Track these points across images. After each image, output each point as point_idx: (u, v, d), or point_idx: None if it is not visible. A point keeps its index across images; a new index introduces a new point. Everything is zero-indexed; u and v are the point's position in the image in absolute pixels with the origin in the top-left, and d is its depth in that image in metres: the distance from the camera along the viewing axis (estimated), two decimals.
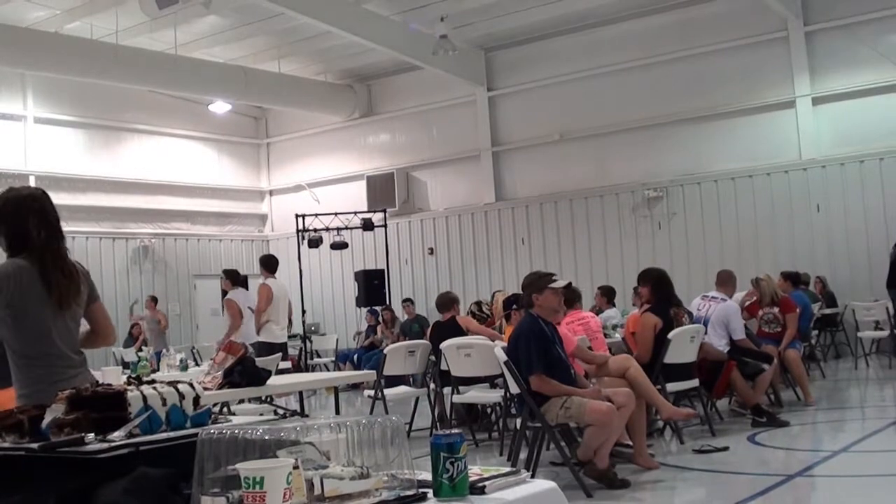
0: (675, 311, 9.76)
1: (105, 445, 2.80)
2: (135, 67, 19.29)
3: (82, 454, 2.78)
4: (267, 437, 2.51)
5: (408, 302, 20.46)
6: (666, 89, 20.02)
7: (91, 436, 2.87)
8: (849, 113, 18.40)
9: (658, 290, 9.84)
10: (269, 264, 14.55)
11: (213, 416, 3.35)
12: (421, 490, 2.61)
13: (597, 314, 12.28)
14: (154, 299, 20.64)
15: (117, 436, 2.87)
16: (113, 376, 6.09)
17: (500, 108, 22.39)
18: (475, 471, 2.75)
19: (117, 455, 2.78)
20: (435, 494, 2.60)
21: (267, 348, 12.94)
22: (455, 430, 2.64)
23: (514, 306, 10.17)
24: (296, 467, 2.41)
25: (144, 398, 3.02)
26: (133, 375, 4.06)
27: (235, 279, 14.50)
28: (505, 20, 20.39)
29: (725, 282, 11.63)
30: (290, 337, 21.40)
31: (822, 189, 18.46)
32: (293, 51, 21.82)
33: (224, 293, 15.08)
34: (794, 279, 13.47)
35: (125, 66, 19.06)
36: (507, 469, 2.89)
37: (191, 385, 3.23)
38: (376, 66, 23.13)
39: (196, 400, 3.19)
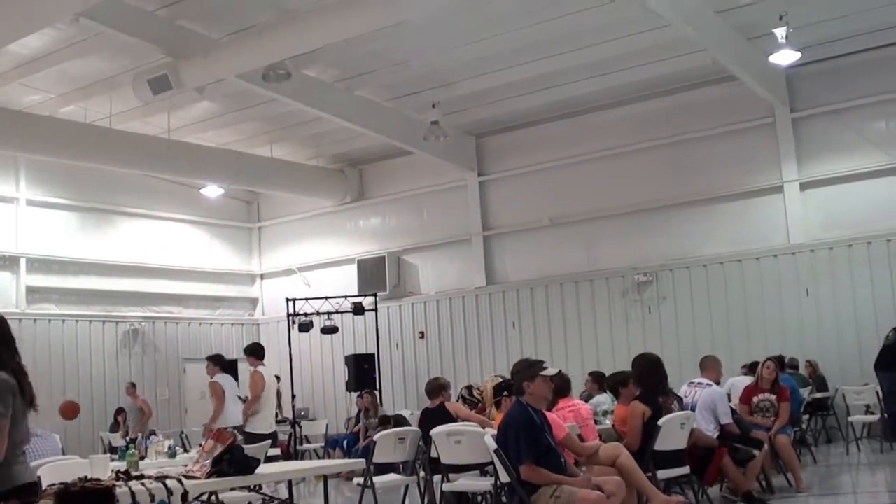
0: (664, 398, 9.74)
1: None
2: (128, 151, 19.39)
3: None
4: None
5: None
6: (655, 174, 20.18)
7: None
8: (836, 198, 18.54)
9: (645, 378, 9.85)
10: (258, 352, 14.46)
11: None
12: None
13: (587, 400, 12.27)
14: (133, 385, 20.47)
15: None
16: (101, 467, 6.05)
17: (491, 192, 22.52)
18: None
19: None
20: None
21: (255, 439, 12.76)
22: None
23: (505, 393, 10.15)
24: None
25: (133, 494, 3.03)
26: (121, 471, 4.05)
27: (220, 364, 14.43)
28: (495, 107, 20.57)
29: (710, 367, 11.68)
30: (278, 422, 21.35)
31: (811, 273, 18.54)
32: (285, 135, 21.97)
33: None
34: (780, 362, 13.49)
35: (118, 150, 19.18)
36: None
37: (179, 480, 3.24)
38: (368, 150, 23.28)
39: (184, 496, 3.20)
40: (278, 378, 17.58)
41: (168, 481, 3.16)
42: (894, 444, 15.72)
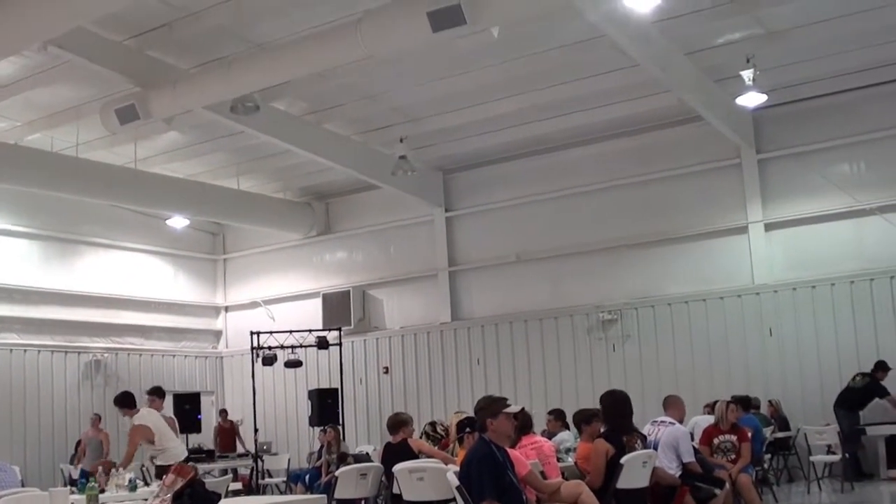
0: (628, 438, 9.74)
1: None
2: (93, 181, 19.27)
3: None
4: None
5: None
6: (621, 213, 20.30)
7: None
8: (800, 239, 18.70)
9: (611, 416, 9.87)
10: (126, 401, 13.92)
11: None
12: None
13: (549, 438, 12.26)
14: (98, 417, 20.27)
15: None
16: (61, 500, 5.99)
17: (458, 228, 22.56)
18: None
19: None
20: None
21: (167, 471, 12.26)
22: None
23: (468, 430, 10.14)
24: None
25: None
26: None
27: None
28: (463, 143, 20.66)
29: (673, 405, 11.71)
30: (239, 456, 21.23)
31: (775, 313, 18.65)
32: (252, 168, 21.95)
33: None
34: (745, 403, 13.55)
35: (84, 180, 19.06)
36: None
37: None
38: (335, 184, 23.30)
39: None
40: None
41: None
42: (855, 484, 15.82)
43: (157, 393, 14.56)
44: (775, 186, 18.94)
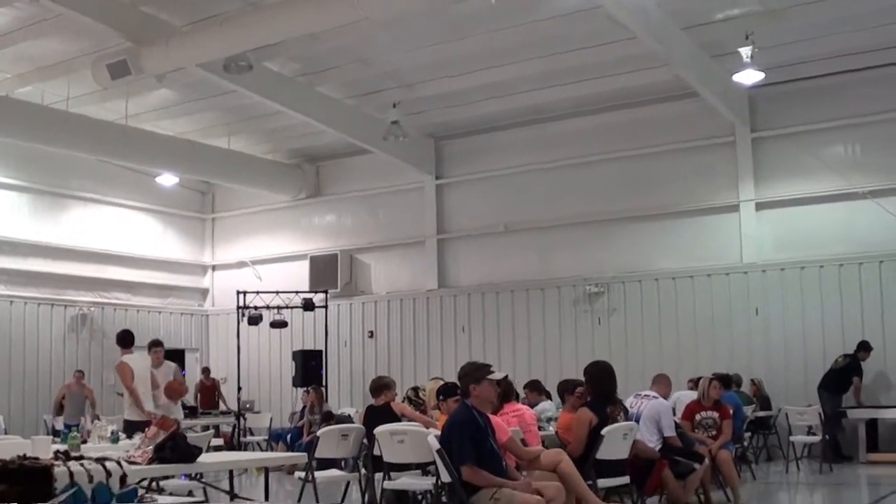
0: (612, 408, 9.75)
1: None
2: (84, 135, 19.20)
3: None
4: None
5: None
6: (612, 186, 20.29)
7: None
8: (791, 220, 18.71)
9: (595, 386, 9.87)
10: (124, 340, 14.12)
11: (140, 495, 3.32)
12: None
13: (531, 407, 12.28)
14: (81, 373, 20.22)
15: None
16: (42, 447, 5.99)
17: (448, 196, 22.54)
18: None
19: None
20: None
21: (132, 426, 12.14)
22: None
23: (441, 397, 10.16)
24: None
25: (71, 474, 3.00)
26: (61, 451, 3.99)
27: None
28: (456, 110, 20.60)
29: (660, 383, 11.74)
30: (222, 413, 21.29)
31: (762, 293, 18.70)
32: (243, 128, 21.87)
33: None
34: (725, 381, 13.58)
35: (74, 134, 18.99)
36: None
37: (118, 463, 3.22)
38: (326, 147, 23.23)
39: (123, 478, 3.18)
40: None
41: (107, 463, 3.13)
42: (834, 466, 15.89)
43: (156, 344, 14.59)
44: (768, 166, 18.94)
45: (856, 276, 17.95)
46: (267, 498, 9.07)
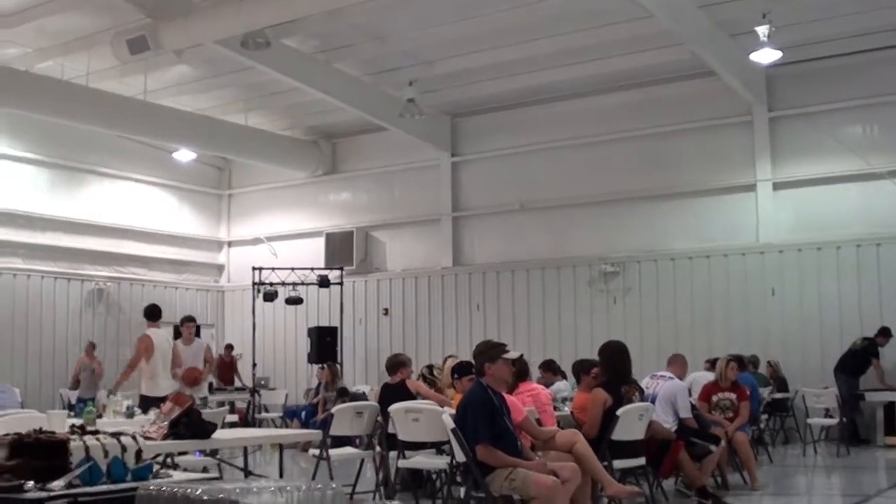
0: (627, 388, 9.73)
1: (44, 494, 2.78)
2: (103, 110, 19.23)
3: (20, 502, 2.75)
4: (206, 498, 2.49)
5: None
6: (628, 165, 20.22)
7: (31, 483, 2.84)
8: (808, 200, 18.63)
9: (611, 366, 9.84)
10: (151, 314, 14.22)
11: (154, 470, 3.32)
12: None
13: (546, 387, 12.26)
14: (93, 346, 20.32)
15: (57, 485, 2.85)
16: (58, 421, 6.01)
17: (463, 174, 22.50)
18: None
19: None
20: None
21: (149, 402, 12.19)
22: (393, 501, 2.64)
23: (456, 375, 10.15)
24: None
25: (87, 448, 3.00)
26: (77, 425, 4.00)
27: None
28: (473, 88, 20.54)
29: (676, 363, 11.71)
30: (237, 390, 21.33)
31: (778, 274, 18.63)
32: (261, 104, 21.87)
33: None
34: (739, 362, 13.51)
35: (93, 109, 19.02)
36: None
37: (134, 438, 3.22)
38: (343, 124, 23.20)
39: (138, 454, 3.18)
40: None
41: (123, 438, 3.13)
42: (851, 449, 15.84)
43: (189, 320, 14.67)
44: (786, 146, 18.85)
45: (874, 257, 17.86)
46: (281, 475, 9.11)
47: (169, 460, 8.66)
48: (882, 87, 17.88)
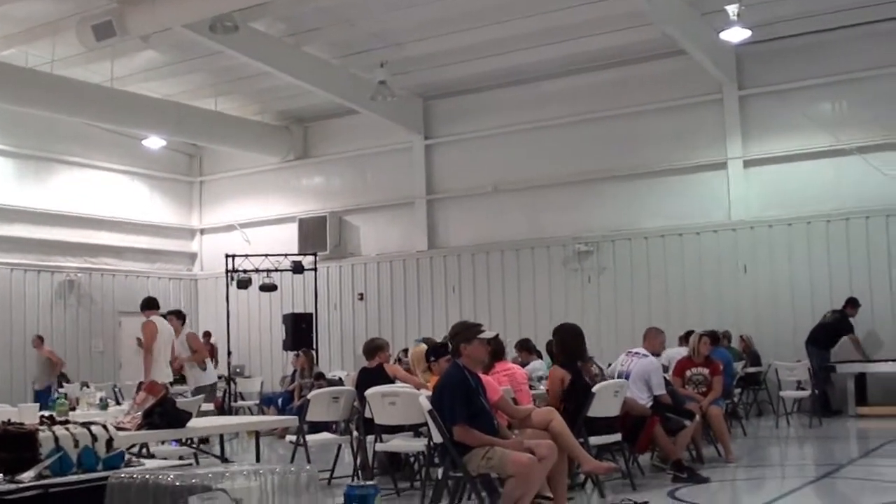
0: (582, 364, 9.82)
1: (13, 486, 2.73)
2: (69, 98, 19.10)
3: None
4: (178, 483, 2.45)
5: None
6: (601, 145, 20.23)
7: (0, 476, 2.80)
8: (779, 177, 18.71)
9: (563, 346, 9.95)
10: (151, 304, 14.20)
11: (127, 458, 3.28)
12: None
13: (522, 367, 12.28)
14: (40, 338, 20.24)
15: (27, 476, 2.81)
16: (29, 415, 5.96)
17: (436, 156, 22.46)
18: None
19: (26, 497, 2.71)
20: None
21: None
22: (370, 483, 2.61)
23: (432, 358, 10.16)
24: None
25: (56, 439, 2.96)
26: (47, 416, 3.98)
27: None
28: (444, 70, 20.49)
29: (649, 338, 11.71)
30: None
31: (750, 250, 18.73)
32: (231, 89, 21.74)
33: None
34: (713, 338, 13.55)
35: (59, 97, 18.89)
36: None
37: (104, 427, 3.17)
38: (314, 108, 23.09)
39: (109, 442, 3.14)
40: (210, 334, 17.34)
41: (93, 427, 3.09)
42: (823, 420, 15.97)
43: (175, 314, 14.61)
44: (756, 123, 18.92)
45: (843, 232, 18.00)
46: (258, 461, 9.05)
47: (145, 451, 8.62)
48: (851, 64, 17.97)
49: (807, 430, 15.59)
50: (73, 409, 9.48)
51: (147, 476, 2.46)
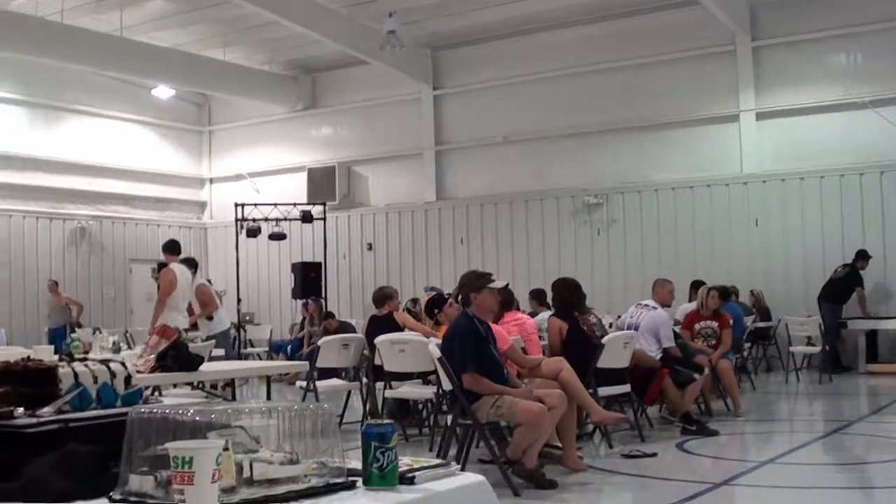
0: (579, 314, 9.85)
1: (34, 420, 2.76)
2: (79, 47, 19.08)
3: (10, 428, 2.73)
4: (198, 419, 2.47)
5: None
6: (611, 97, 20.14)
7: (20, 410, 2.82)
8: (792, 130, 18.61)
9: (558, 299, 10.10)
10: (173, 248, 14.14)
11: (145, 395, 3.31)
12: (350, 478, 2.60)
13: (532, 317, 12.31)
14: (56, 283, 20.36)
15: (47, 411, 2.83)
16: (45, 355, 6.00)
17: (445, 107, 22.39)
18: (405, 462, 2.75)
19: (46, 430, 2.74)
20: (364, 483, 2.59)
21: None
22: (387, 421, 2.64)
23: (436, 310, 10.21)
24: (226, 449, 2.37)
25: (76, 375, 2.98)
26: (65, 353, 3.99)
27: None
28: (454, 19, 20.40)
29: (657, 289, 11.71)
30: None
31: (762, 204, 18.67)
32: (239, 39, 21.66)
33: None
34: (723, 293, 13.53)
35: (69, 46, 18.87)
36: (437, 461, 2.89)
37: (123, 364, 3.20)
38: (322, 58, 23.00)
39: (128, 379, 3.16)
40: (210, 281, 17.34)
41: (112, 364, 3.11)
42: (833, 376, 15.97)
43: (187, 263, 14.60)
44: (769, 75, 18.79)
45: (857, 186, 17.91)
46: None
47: (156, 393, 8.67)
48: (865, 16, 17.80)
49: (816, 387, 15.59)
50: (87, 352, 9.51)
51: (167, 411, 2.48)
